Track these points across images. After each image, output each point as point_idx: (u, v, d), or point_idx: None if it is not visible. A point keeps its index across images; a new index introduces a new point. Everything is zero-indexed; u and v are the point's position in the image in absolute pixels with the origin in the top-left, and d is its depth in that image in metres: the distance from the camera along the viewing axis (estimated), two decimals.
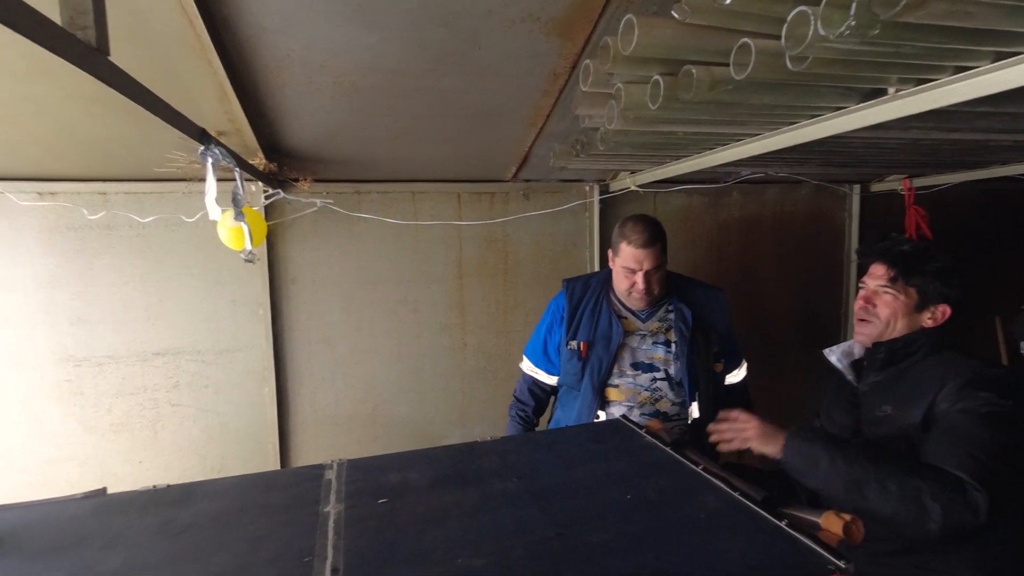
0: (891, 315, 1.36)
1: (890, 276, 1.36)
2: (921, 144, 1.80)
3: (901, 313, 1.36)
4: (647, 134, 1.51)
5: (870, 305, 1.39)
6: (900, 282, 1.35)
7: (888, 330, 1.37)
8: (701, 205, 2.78)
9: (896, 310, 1.36)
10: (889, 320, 1.36)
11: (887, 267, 1.37)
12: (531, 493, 1.20)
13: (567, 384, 1.87)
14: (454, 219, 2.42)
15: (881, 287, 1.38)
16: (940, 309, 1.35)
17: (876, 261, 1.41)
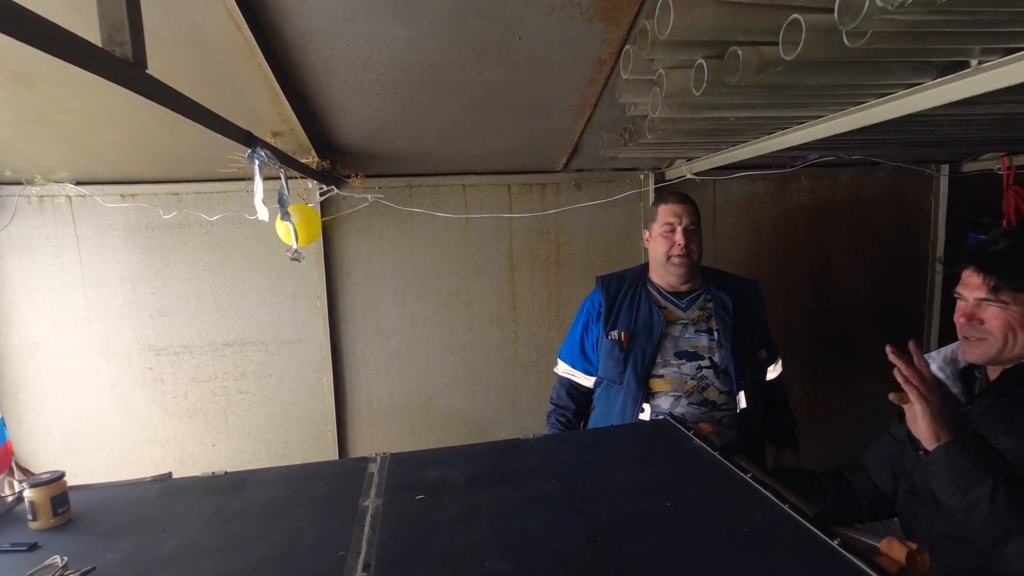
0: (1006, 329, 1.14)
1: (991, 285, 1.14)
2: (1018, 118, 1.60)
3: (1019, 325, 1.13)
4: (696, 120, 1.43)
5: (976, 321, 1.17)
6: (1006, 291, 1.12)
7: (1008, 347, 1.15)
8: (765, 192, 2.62)
9: (1010, 322, 1.13)
10: (1006, 335, 1.14)
11: (984, 275, 1.15)
12: (568, 496, 1.18)
13: (608, 378, 1.82)
14: (504, 211, 2.40)
15: (983, 299, 1.16)
16: None
17: (972, 268, 1.18)
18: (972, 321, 1.17)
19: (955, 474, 1.00)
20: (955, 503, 1.00)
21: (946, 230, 2.71)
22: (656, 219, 1.83)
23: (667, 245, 1.78)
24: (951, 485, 1.01)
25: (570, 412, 1.95)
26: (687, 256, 1.76)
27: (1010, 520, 0.94)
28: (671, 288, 1.84)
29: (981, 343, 1.17)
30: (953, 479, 1.00)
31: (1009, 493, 0.96)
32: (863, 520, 1.39)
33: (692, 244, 1.78)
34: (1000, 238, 1.18)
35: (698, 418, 1.74)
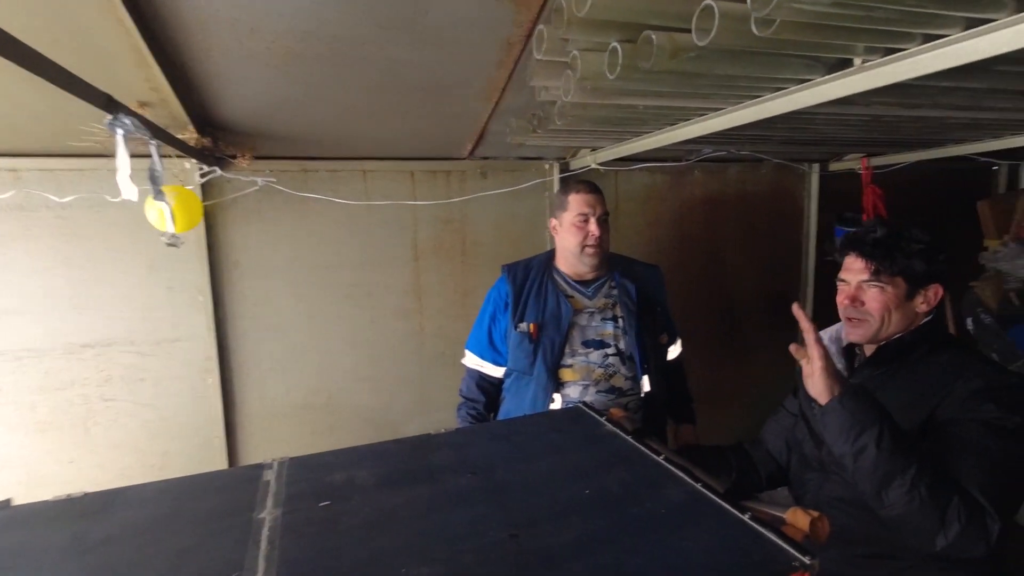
0: (883, 310, 1.24)
1: (872, 269, 1.24)
2: (883, 121, 1.77)
3: (893, 306, 1.24)
4: (606, 107, 1.43)
5: (858, 303, 1.26)
6: (884, 274, 1.23)
7: (884, 326, 1.25)
8: (664, 184, 2.74)
9: (887, 303, 1.24)
10: (883, 315, 1.24)
11: (865, 260, 1.25)
12: (487, 490, 1.14)
13: (518, 370, 1.81)
14: (408, 199, 2.30)
15: (865, 282, 1.26)
16: (932, 290, 1.26)
17: (854, 254, 1.28)
18: (855, 303, 1.26)
19: (847, 421, 1.07)
20: (847, 450, 1.08)
21: (817, 223, 2.99)
22: (567, 208, 1.81)
23: (581, 236, 1.77)
24: (844, 432, 1.08)
25: (480, 404, 1.91)
26: (600, 246, 1.78)
27: (892, 464, 1.03)
28: (578, 277, 1.85)
29: (863, 323, 1.26)
30: (846, 426, 1.07)
31: (892, 438, 1.05)
32: (762, 489, 1.48)
33: (605, 234, 1.79)
34: (877, 227, 1.28)
35: (606, 405, 1.77)
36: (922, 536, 1.02)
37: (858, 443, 1.06)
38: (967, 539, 0.99)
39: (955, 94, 1.42)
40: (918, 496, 1.01)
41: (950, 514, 0.99)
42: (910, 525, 1.04)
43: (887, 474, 1.03)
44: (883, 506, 1.05)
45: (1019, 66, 1.19)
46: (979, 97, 1.48)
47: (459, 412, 1.93)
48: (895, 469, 1.03)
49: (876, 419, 1.06)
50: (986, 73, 1.24)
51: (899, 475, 1.02)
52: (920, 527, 1.02)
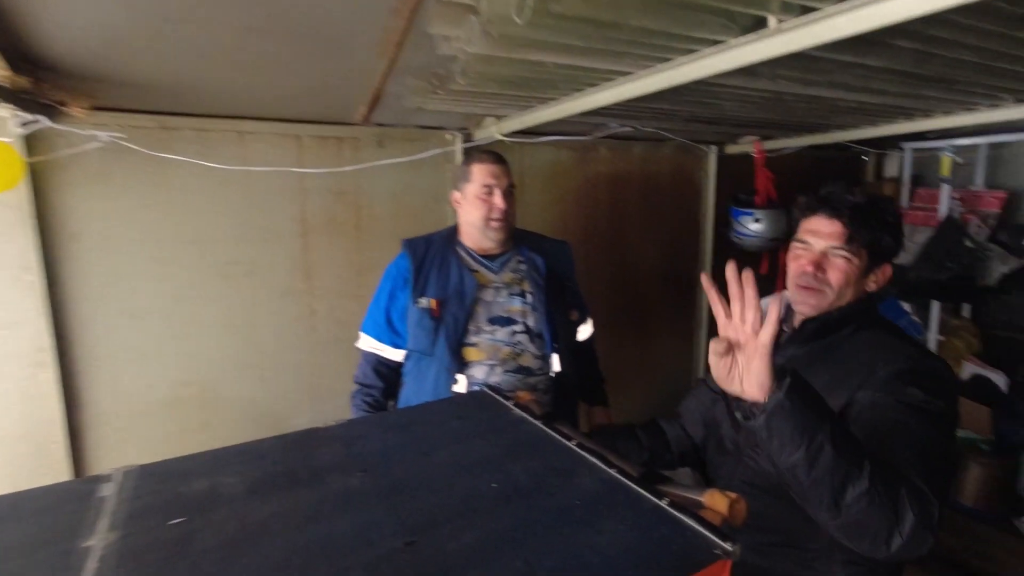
0: (844, 282, 1.13)
1: (845, 236, 1.12)
2: (782, 99, 1.80)
3: (853, 279, 1.14)
4: (513, 64, 1.31)
5: (820, 271, 1.14)
6: (856, 243, 1.13)
7: (838, 300, 1.15)
8: (570, 160, 2.68)
9: (848, 276, 1.13)
10: (841, 289, 1.13)
11: (843, 224, 1.13)
12: (379, 490, 0.99)
13: (419, 350, 1.67)
14: (294, 166, 2.05)
15: (834, 249, 1.13)
16: (883, 269, 1.17)
17: (826, 215, 1.15)
18: (817, 271, 1.14)
19: (799, 422, 0.88)
20: (799, 457, 0.88)
21: (715, 204, 3.07)
22: (471, 180, 1.71)
23: (485, 209, 1.68)
24: (796, 435, 0.88)
25: (377, 391, 1.76)
26: (506, 220, 1.69)
27: (849, 462, 0.88)
28: (483, 251, 1.75)
29: (819, 294, 1.15)
30: (799, 428, 0.88)
31: (843, 431, 0.90)
32: (673, 467, 1.45)
33: (509, 207, 1.70)
34: (855, 190, 1.18)
35: (514, 386, 1.68)
36: (878, 539, 0.89)
37: (813, 446, 0.87)
38: (920, 532, 0.87)
39: (852, 71, 1.45)
40: (877, 494, 0.86)
41: (901, 507, 0.87)
42: (869, 528, 0.88)
43: (846, 475, 0.88)
44: (839, 514, 0.89)
45: (916, 42, 1.21)
46: (871, 77, 1.52)
47: (353, 400, 1.77)
48: (852, 468, 0.87)
49: (826, 412, 0.90)
50: (886, 49, 1.26)
51: (856, 474, 0.87)
52: (878, 528, 0.88)
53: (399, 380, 1.79)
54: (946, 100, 1.88)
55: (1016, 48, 1.29)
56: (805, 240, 1.18)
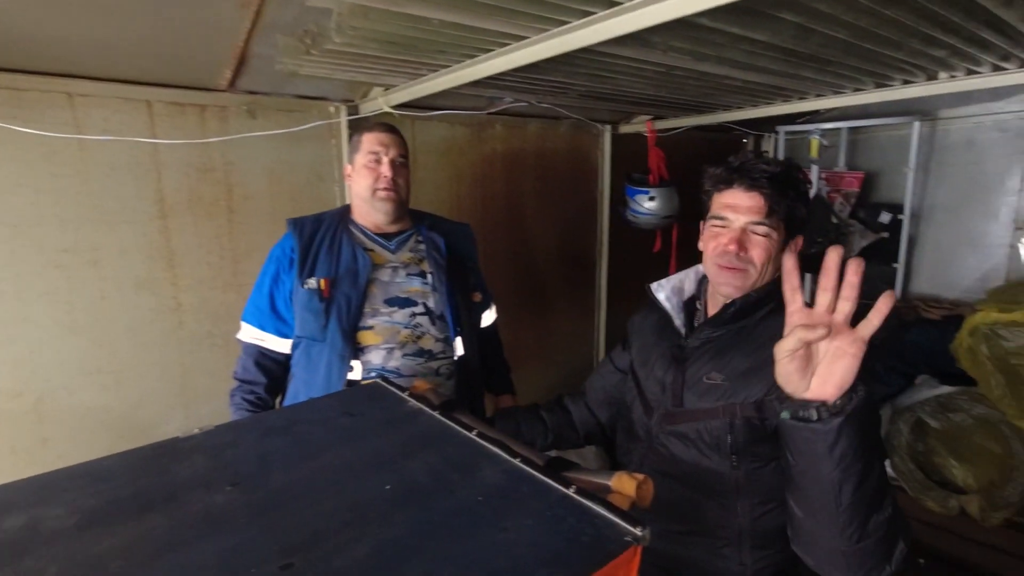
0: (767, 259, 1.04)
1: (767, 209, 1.02)
2: (673, 76, 1.81)
3: (773, 254, 1.05)
4: (394, 19, 1.18)
5: (741, 250, 1.04)
6: (776, 215, 1.03)
7: (760, 279, 1.06)
8: (464, 137, 2.57)
9: (770, 251, 1.04)
10: (764, 265, 1.05)
11: (763, 196, 1.03)
12: (251, 506, 0.85)
13: (309, 336, 1.52)
14: (145, 136, 1.77)
15: (754, 224, 1.03)
16: (797, 241, 1.09)
17: (743, 188, 1.04)
18: (740, 248, 1.05)
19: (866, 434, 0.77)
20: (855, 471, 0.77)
21: (611, 183, 3.11)
22: (359, 149, 1.58)
23: (372, 178, 1.55)
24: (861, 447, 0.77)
25: (261, 387, 1.58)
26: (394, 190, 1.56)
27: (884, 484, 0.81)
28: (377, 229, 1.62)
29: (743, 273, 1.06)
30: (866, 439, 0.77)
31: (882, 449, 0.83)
32: (579, 446, 1.42)
33: (399, 178, 1.58)
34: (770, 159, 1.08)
35: (414, 370, 1.58)
36: (873, 569, 0.82)
37: (871, 462, 0.78)
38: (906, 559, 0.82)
39: (739, 46, 1.47)
40: (893, 523, 0.80)
41: (901, 534, 0.83)
42: (871, 557, 0.80)
43: (881, 499, 0.80)
44: (860, 539, 0.80)
45: (799, 15, 1.23)
46: (756, 53, 1.55)
47: (232, 400, 1.58)
48: (886, 492, 0.80)
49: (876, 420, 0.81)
50: (771, 22, 1.27)
51: (882, 499, 0.80)
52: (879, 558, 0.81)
53: (286, 375, 1.62)
54: (819, 82, 1.99)
55: (882, 27, 1.36)
56: (723, 216, 1.07)
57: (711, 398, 1.08)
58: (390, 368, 1.55)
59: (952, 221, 3.22)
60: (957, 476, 2.63)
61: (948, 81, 1.89)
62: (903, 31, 1.40)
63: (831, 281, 0.76)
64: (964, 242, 3.19)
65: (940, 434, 2.69)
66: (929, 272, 3.31)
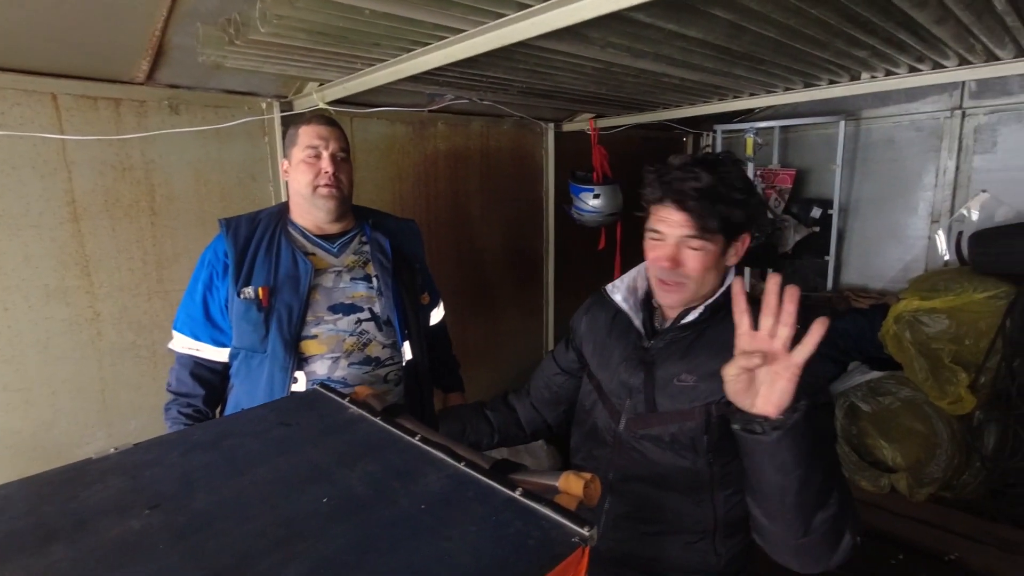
0: (703, 270, 1.06)
1: (698, 227, 1.03)
2: (612, 73, 1.82)
3: (712, 264, 1.06)
4: (323, 9, 1.12)
5: (676, 264, 1.05)
6: (708, 231, 1.04)
7: (700, 288, 1.08)
8: (406, 135, 2.51)
9: (706, 264, 1.05)
10: (701, 276, 1.06)
11: (691, 216, 1.03)
12: (173, 530, 0.78)
13: (247, 347, 1.43)
14: (50, 131, 1.63)
15: (686, 238, 1.05)
16: (742, 240, 1.09)
17: (672, 207, 1.05)
18: (674, 264, 1.06)
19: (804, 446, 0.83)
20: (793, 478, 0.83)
21: (555, 181, 3.11)
22: (296, 143, 1.48)
23: (312, 174, 1.46)
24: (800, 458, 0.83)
25: (199, 399, 1.47)
26: (336, 187, 1.47)
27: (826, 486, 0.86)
28: (319, 230, 1.53)
29: (680, 288, 1.08)
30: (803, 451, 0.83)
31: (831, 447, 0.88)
32: (526, 442, 1.40)
33: (341, 174, 1.49)
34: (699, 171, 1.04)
35: (361, 379, 1.51)
36: (821, 560, 0.87)
37: (810, 470, 0.83)
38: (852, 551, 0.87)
39: (675, 43, 1.48)
40: (839, 518, 0.86)
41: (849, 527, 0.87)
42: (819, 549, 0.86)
43: (824, 500, 0.85)
44: (804, 535, 0.86)
45: (730, 12, 1.26)
46: (691, 51, 1.58)
47: (168, 414, 1.47)
48: (828, 493, 0.85)
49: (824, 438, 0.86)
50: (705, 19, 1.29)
51: (826, 499, 0.85)
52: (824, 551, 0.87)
53: (225, 384, 1.52)
54: (752, 81, 2.05)
55: (809, 27, 1.41)
56: (657, 230, 1.08)
57: (684, 400, 1.07)
58: (336, 378, 1.48)
59: (876, 215, 3.41)
60: (887, 456, 2.78)
61: (869, 82, 1.98)
62: (828, 31, 1.45)
63: (772, 306, 0.81)
64: (888, 235, 3.38)
65: (871, 417, 2.84)
66: (857, 263, 3.49)
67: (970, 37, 1.55)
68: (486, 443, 1.33)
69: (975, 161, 3.07)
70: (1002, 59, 1.76)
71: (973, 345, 2.52)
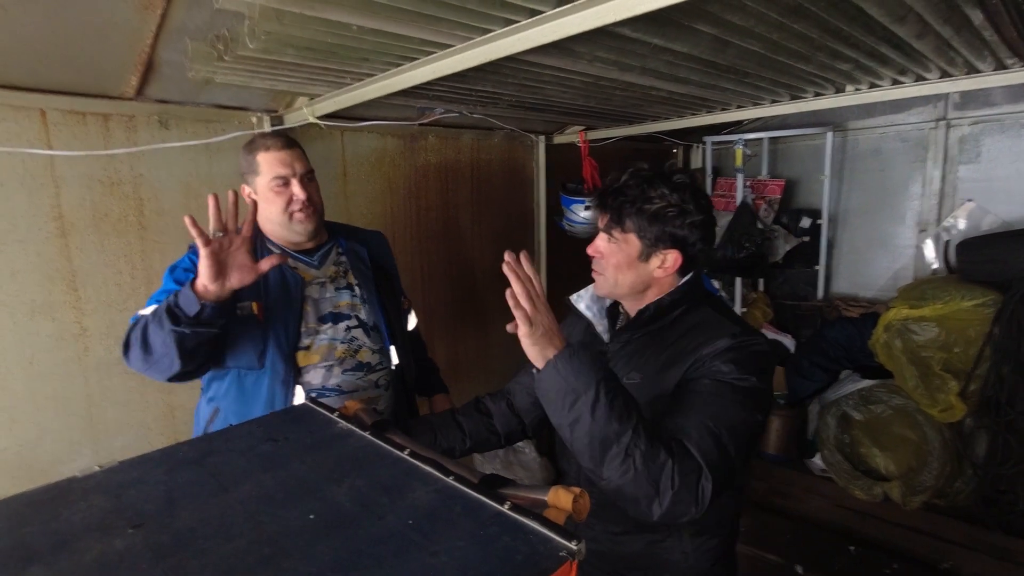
0: (616, 267, 1.14)
1: (606, 221, 1.15)
2: (600, 86, 1.84)
3: (625, 265, 1.14)
4: (312, 24, 1.12)
5: (599, 255, 1.17)
6: (616, 228, 1.13)
7: (617, 284, 1.16)
8: (396, 149, 2.51)
9: (619, 261, 1.14)
10: (616, 272, 1.15)
11: (603, 211, 1.16)
12: (155, 549, 0.77)
13: (243, 366, 1.41)
14: (37, 146, 1.62)
15: (602, 230, 1.16)
16: (670, 255, 1.13)
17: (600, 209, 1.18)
18: (597, 255, 1.17)
19: (561, 387, 0.95)
20: (563, 420, 0.96)
21: (546, 193, 3.13)
22: (259, 172, 1.45)
23: (283, 201, 1.44)
24: (558, 399, 0.96)
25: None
26: (312, 207, 1.47)
27: (606, 432, 0.93)
28: (296, 246, 1.53)
29: (600, 277, 1.18)
30: (560, 392, 0.95)
31: (609, 402, 0.94)
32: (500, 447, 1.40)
33: (315, 193, 1.50)
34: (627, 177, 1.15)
35: (355, 385, 1.52)
36: (639, 507, 0.95)
37: (573, 412, 0.94)
38: (680, 505, 0.93)
39: (661, 57, 1.50)
40: (632, 465, 0.92)
41: (664, 481, 0.92)
42: (628, 496, 0.94)
43: (603, 443, 0.94)
44: (601, 479, 0.96)
45: (715, 27, 1.27)
46: (677, 64, 1.60)
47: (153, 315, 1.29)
48: (610, 438, 0.93)
49: (592, 382, 0.94)
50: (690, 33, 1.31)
51: (614, 444, 0.93)
52: (636, 497, 0.94)
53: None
54: (738, 93, 2.07)
55: (792, 41, 1.43)
56: (598, 224, 1.20)
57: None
58: (331, 386, 1.49)
59: (865, 224, 3.44)
60: (880, 464, 2.78)
61: (854, 94, 2.01)
62: (811, 45, 1.47)
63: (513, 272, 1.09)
64: (876, 244, 3.41)
65: (863, 425, 2.84)
66: (847, 272, 3.52)
67: (950, 51, 1.58)
68: (459, 449, 1.33)
69: (960, 171, 3.12)
70: (982, 71, 1.80)
71: (962, 353, 2.53)
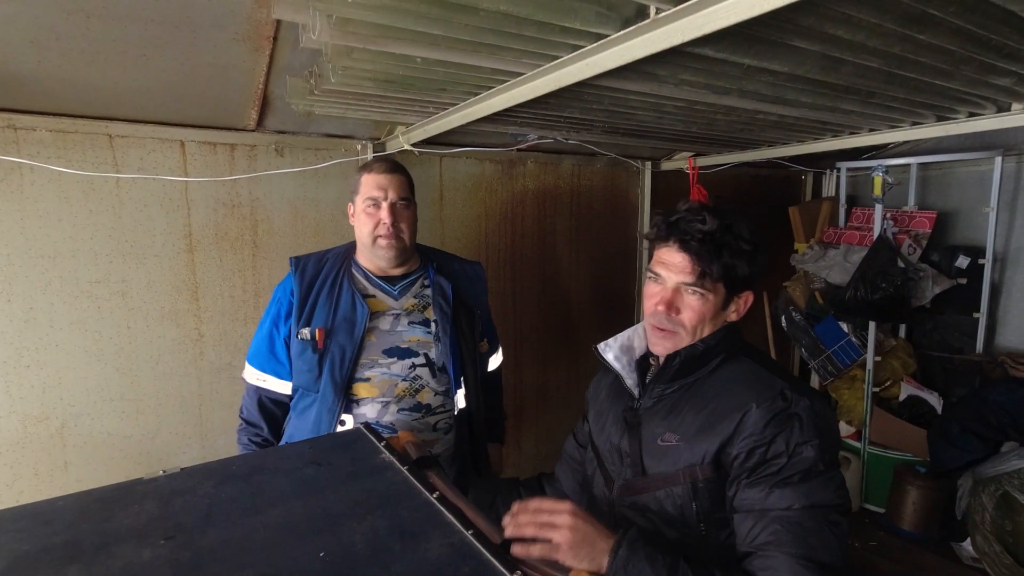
0: (699, 322, 1.01)
1: (697, 272, 0.98)
2: (697, 111, 1.70)
3: (709, 316, 1.01)
4: (378, 58, 1.16)
5: (673, 311, 1.01)
6: (709, 279, 0.99)
7: (694, 339, 1.03)
8: (493, 174, 2.54)
9: (704, 314, 1.00)
10: (696, 328, 1.01)
11: (692, 259, 0.98)
12: (176, 565, 0.80)
13: (303, 386, 1.48)
14: (177, 174, 1.85)
15: (687, 286, 1.00)
16: (744, 298, 1.04)
17: (675, 247, 1.01)
18: (671, 310, 1.01)
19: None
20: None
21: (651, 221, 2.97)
22: (359, 191, 1.51)
23: (371, 224, 1.48)
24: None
25: (265, 431, 1.56)
26: (396, 237, 1.48)
27: None
28: (381, 272, 1.56)
29: (673, 336, 1.03)
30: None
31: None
32: None
33: (402, 222, 1.50)
34: (704, 214, 1.00)
35: (409, 427, 1.49)
36: None
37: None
38: None
39: (758, 78, 1.35)
40: None
41: None
42: None
43: None
44: None
45: (816, 43, 1.11)
46: (780, 85, 1.43)
47: (239, 440, 1.58)
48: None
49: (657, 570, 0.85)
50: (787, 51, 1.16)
51: None
52: None
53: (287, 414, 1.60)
54: (867, 116, 1.82)
55: (921, 54, 1.21)
56: (657, 272, 1.04)
57: (668, 461, 1.00)
58: (384, 423, 1.48)
59: None
60: None
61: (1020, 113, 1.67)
62: (951, 58, 1.24)
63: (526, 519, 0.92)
64: None
65: None
66: (1017, 323, 2.92)
67: None
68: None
69: None
70: None
71: None
